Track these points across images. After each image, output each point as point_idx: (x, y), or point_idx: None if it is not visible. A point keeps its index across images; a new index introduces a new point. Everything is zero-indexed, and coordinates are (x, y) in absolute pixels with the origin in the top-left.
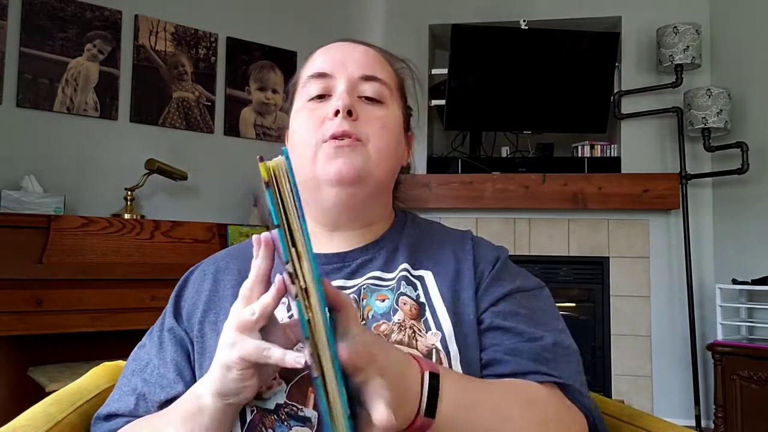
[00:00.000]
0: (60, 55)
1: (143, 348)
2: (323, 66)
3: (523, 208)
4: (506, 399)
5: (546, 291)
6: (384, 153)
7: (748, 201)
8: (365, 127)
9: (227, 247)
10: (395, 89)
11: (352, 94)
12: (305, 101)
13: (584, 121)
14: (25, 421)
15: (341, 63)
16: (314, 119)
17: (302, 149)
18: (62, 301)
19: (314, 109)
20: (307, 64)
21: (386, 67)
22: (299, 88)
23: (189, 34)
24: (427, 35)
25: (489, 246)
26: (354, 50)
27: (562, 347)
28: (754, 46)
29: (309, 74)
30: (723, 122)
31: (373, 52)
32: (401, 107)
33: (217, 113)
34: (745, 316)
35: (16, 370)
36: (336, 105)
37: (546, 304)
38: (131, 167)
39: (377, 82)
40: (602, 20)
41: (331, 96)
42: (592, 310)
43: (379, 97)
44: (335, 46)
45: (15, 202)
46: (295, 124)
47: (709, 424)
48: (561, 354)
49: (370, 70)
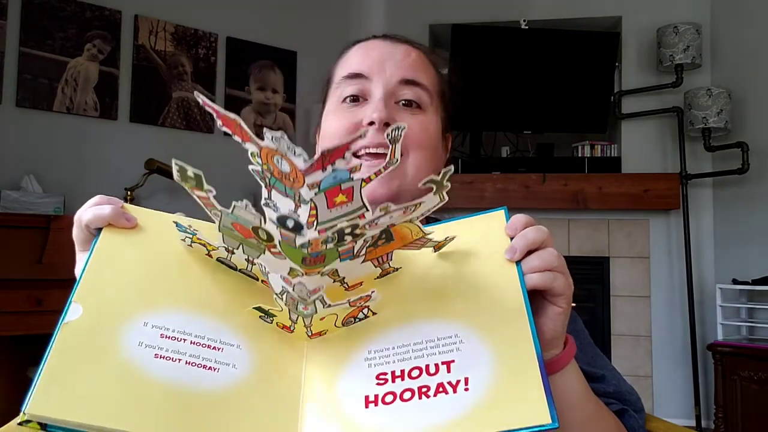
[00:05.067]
0: (60, 55)
1: None
2: (360, 66)
3: (523, 208)
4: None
5: (579, 319)
6: (422, 167)
7: (748, 201)
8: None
9: None
10: (436, 93)
11: (390, 100)
12: (338, 102)
13: (584, 121)
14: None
15: (379, 63)
16: (347, 125)
17: None
18: (62, 301)
19: (348, 112)
20: (342, 61)
21: (428, 69)
22: (333, 87)
23: (189, 34)
24: (427, 35)
25: None
26: (394, 49)
27: (621, 384)
28: (754, 46)
29: (344, 74)
30: (723, 122)
31: (415, 53)
32: (441, 110)
33: None
34: (745, 316)
35: (15, 370)
36: (371, 116)
37: (587, 336)
38: (131, 167)
39: (418, 87)
40: (602, 20)
41: (367, 100)
42: (592, 310)
43: (419, 102)
44: (373, 43)
45: (15, 202)
46: (326, 125)
47: (709, 425)
48: (622, 385)
49: (411, 73)
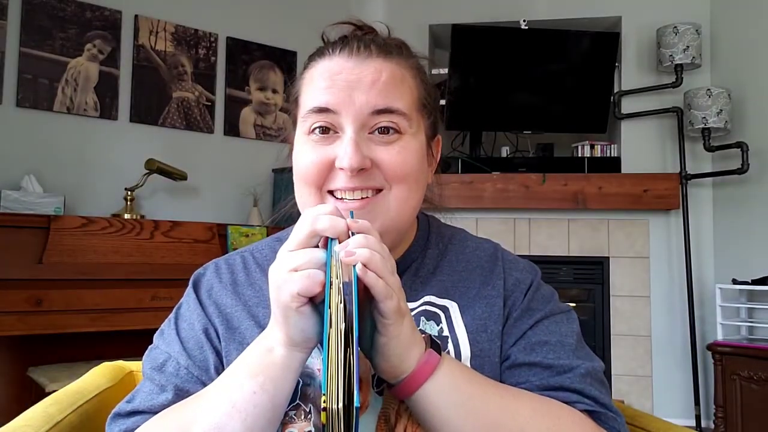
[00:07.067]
0: (60, 55)
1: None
2: (325, 99)
3: (523, 208)
4: (519, 399)
5: (573, 314)
6: (405, 199)
7: (748, 201)
8: (381, 172)
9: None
10: (415, 109)
11: (362, 133)
12: (308, 132)
13: (584, 121)
14: (24, 422)
15: (347, 94)
16: (318, 161)
17: (305, 195)
18: (62, 301)
19: (319, 146)
20: (306, 84)
21: (404, 83)
22: (299, 117)
23: (189, 34)
24: (427, 35)
25: (519, 268)
26: (362, 71)
27: (595, 373)
28: (754, 46)
29: (309, 107)
30: (723, 122)
31: (386, 70)
32: (424, 120)
33: (217, 113)
34: (745, 316)
35: (16, 370)
36: (341, 162)
37: (571, 331)
38: (131, 167)
39: (393, 114)
40: (602, 20)
41: (337, 133)
42: (592, 310)
43: (396, 127)
44: (338, 64)
45: (15, 202)
46: (297, 158)
47: (709, 424)
48: (596, 380)
49: (383, 100)
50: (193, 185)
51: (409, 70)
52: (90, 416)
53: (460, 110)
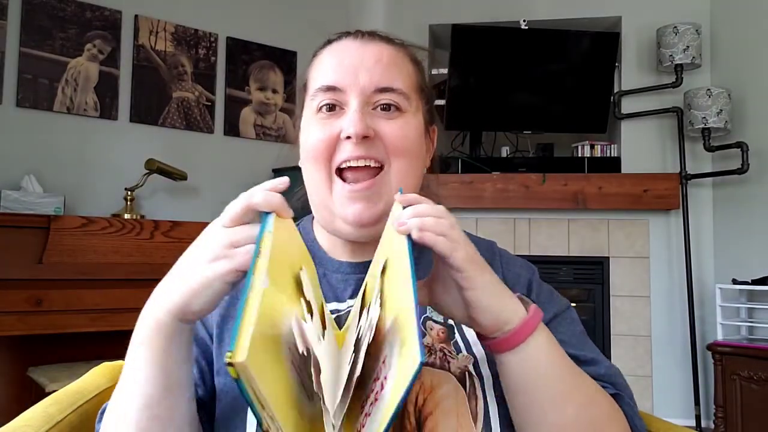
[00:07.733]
0: (60, 55)
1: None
2: (333, 78)
3: (523, 208)
4: (588, 381)
5: (573, 310)
6: (406, 174)
7: (748, 201)
8: (383, 145)
9: None
10: (414, 90)
11: (366, 108)
12: (315, 112)
13: (584, 121)
14: (24, 422)
15: (353, 73)
16: (324, 137)
17: (314, 174)
18: (62, 301)
19: (325, 123)
20: (315, 68)
21: (404, 65)
22: (307, 98)
23: (189, 34)
24: (427, 35)
25: (517, 264)
26: (366, 53)
27: (615, 369)
28: (754, 46)
29: (317, 86)
30: (723, 122)
31: (387, 52)
32: (422, 104)
33: (217, 113)
34: (745, 316)
35: (16, 370)
36: (348, 131)
37: (579, 326)
38: (131, 167)
39: (393, 92)
40: (602, 20)
41: (343, 109)
42: (592, 310)
43: (397, 105)
44: (345, 48)
45: (15, 202)
46: (304, 137)
47: (709, 424)
48: (618, 376)
49: (385, 79)
50: (193, 185)
51: (409, 56)
52: (90, 416)
53: (460, 110)
